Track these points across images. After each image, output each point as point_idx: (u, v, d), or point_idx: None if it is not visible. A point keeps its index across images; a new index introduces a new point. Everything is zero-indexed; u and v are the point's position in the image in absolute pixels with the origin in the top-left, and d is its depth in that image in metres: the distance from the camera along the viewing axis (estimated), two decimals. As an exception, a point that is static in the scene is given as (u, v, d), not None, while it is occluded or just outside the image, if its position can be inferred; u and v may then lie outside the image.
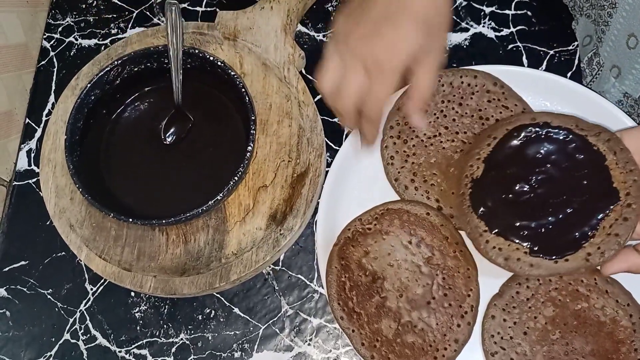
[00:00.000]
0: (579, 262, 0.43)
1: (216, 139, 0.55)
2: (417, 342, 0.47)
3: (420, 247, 0.49)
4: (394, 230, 0.49)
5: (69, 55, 0.64)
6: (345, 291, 0.49)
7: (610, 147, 0.45)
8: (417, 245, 0.49)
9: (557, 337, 0.46)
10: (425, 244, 0.49)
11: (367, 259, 0.49)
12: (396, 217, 0.50)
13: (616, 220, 0.43)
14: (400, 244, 0.49)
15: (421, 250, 0.49)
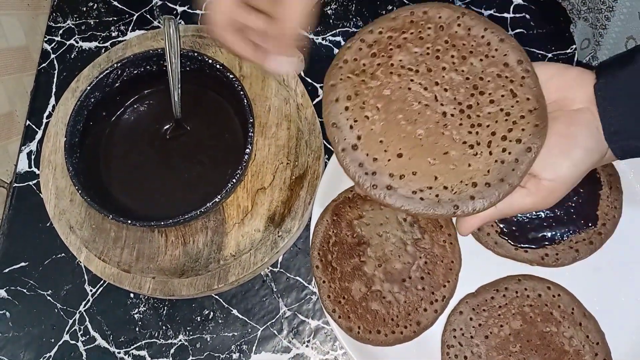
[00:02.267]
0: (534, 258, 0.49)
1: (215, 142, 0.55)
2: (380, 311, 0.48)
3: (414, 227, 0.50)
4: None
5: (69, 58, 0.64)
6: (328, 244, 0.50)
7: (609, 181, 0.50)
8: (410, 225, 0.50)
9: (515, 351, 0.47)
10: (419, 226, 0.50)
11: (359, 222, 0.50)
12: None
13: (583, 240, 0.49)
14: (395, 218, 0.50)
15: (413, 230, 0.50)
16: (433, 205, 0.37)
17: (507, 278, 0.49)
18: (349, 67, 0.40)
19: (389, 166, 0.37)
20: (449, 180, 0.37)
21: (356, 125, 0.39)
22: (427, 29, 0.40)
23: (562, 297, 0.48)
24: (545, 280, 0.49)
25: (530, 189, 0.38)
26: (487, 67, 0.39)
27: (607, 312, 0.48)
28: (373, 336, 0.48)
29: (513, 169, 0.37)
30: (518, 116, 0.38)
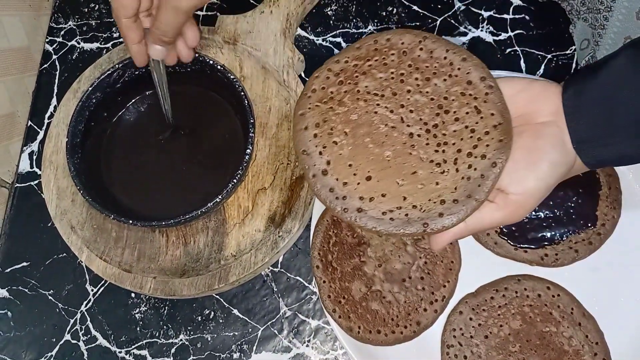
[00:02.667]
0: (534, 258, 0.49)
1: (216, 142, 0.55)
2: (380, 311, 0.48)
3: None
4: None
5: (71, 59, 0.64)
6: (328, 244, 0.50)
7: (608, 182, 0.50)
8: None
9: (515, 350, 0.47)
10: None
11: None
12: None
13: (582, 240, 0.49)
14: None
15: None
16: (403, 224, 0.37)
17: (507, 278, 0.49)
18: (317, 96, 0.41)
19: (359, 189, 0.38)
20: (418, 199, 0.38)
21: (325, 151, 0.40)
22: (391, 55, 0.41)
23: (561, 297, 0.48)
24: (544, 280, 0.49)
25: (499, 203, 0.39)
26: (450, 86, 0.40)
27: (606, 312, 0.48)
28: (373, 336, 0.48)
29: (479, 185, 0.37)
30: (483, 132, 0.38)
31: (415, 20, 0.61)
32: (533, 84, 0.40)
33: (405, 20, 0.61)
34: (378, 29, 0.61)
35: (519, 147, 0.39)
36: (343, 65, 0.42)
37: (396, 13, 0.62)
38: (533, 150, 0.38)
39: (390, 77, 0.41)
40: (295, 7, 0.59)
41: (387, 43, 0.42)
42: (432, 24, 0.61)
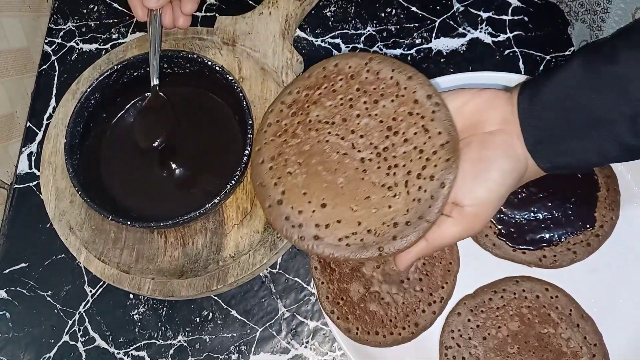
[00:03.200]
0: (532, 259, 0.49)
1: (214, 143, 0.55)
2: (378, 312, 0.48)
3: None
4: None
5: (70, 60, 0.64)
6: None
7: (606, 183, 0.50)
8: None
9: (513, 352, 0.47)
10: None
11: None
12: None
13: (580, 242, 0.49)
14: None
15: None
16: (359, 249, 0.38)
17: (505, 279, 0.49)
18: (272, 130, 0.42)
19: (314, 217, 0.39)
20: (372, 223, 0.38)
21: (280, 181, 0.41)
22: (339, 81, 0.42)
23: (559, 298, 0.48)
24: (543, 281, 0.49)
25: (456, 217, 0.39)
26: (398, 107, 0.40)
27: (604, 313, 0.48)
28: (371, 337, 0.48)
29: (429, 206, 0.38)
30: (430, 152, 0.39)
31: (414, 22, 0.61)
32: (480, 94, 0.41)
33: (404, 22, 0.61)
34: (377, 30, 0.61)
35: (467, 159, 0.39)
36: (295, 96, 0.43)
37: (395, 14, 0.62)
38: (481, 161, 0.39)
39: (339, 103, 0.41)
40: (294, 8, 0.59)
41: (335, 69, 0.42)
42: (431, 25, 0.61)
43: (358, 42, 0.61)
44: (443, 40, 0.60)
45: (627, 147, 0.37)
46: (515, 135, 0.39)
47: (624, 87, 0.35)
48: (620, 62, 0.35)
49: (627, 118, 0.35)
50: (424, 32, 0.61)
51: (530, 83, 0.40)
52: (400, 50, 0.61)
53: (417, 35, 0.61)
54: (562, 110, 0.38)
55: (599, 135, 0.37)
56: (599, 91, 0.36)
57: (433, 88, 0.40)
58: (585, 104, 0.37)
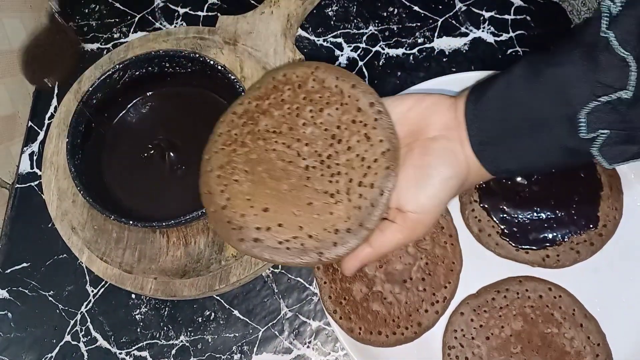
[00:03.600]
0: (535, 259, 0.49)
1: (216, 143, 0.55)
2: (381, 312, 0.48)
3: None
4: None
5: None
6: None
7: (609, 182, 0.50)
8: None
9: (517, 352, 0.47)
10: None
11: None
12: None
13: (584, 241, 0.49)
14: None
15: None
16: (299, 253, 0.38)
17: (508, 279, 0.49)
18: (222, 140, 0.43)
19: (256, 220, 0.39)
20: (313, 229, 0.39)
21: (226, 189, 0.41)
22: (287, 91, 0.43)
23: (563, 298, 0.48)
24: (546, 281, 0.49)
25: (399, 223, 0.39)
26: (342, 115, 0.41)
27: (608, 313, 0.48)
28: (374, 337, 0.48)
29: (369, 214, 0.38)
30: (372, 160, 0.39)
31: (416, 21, 0.61)
32: (423, 99, 0.41)
33: (406, 21, 0.61)
34: (379, 29, 0.61)
35: (409, 165, 0.40)
36: (246, 106, 0.44)
37: (397, 13, 0.62)
38: (422, 167, 0.39)
39: (287, 112, 0.42)
40: (295, 7, 0.59)
41: (283, 78, 0.43)
42: (433, 25, 0.61)
43: (360, 41, 0.61)
44: (445, 39, 0.60)
45: (567, 150, 0.37)
46: (457, 141, 0.40)
47: (563, 89, 0.35)
48: (560, 64, 0.36)
49: (565, 120, 0.36)
50: (426, 31, 0.61)
51: (478, 86, 0.40)
52: (402, 50, 0.60)
53: (419, 34, 0.61)
54: (504, 112, 0.38)
55: (539, 137, 0.37)
56: (538, 93, 0.36)
57: (376, 96, 0.41)
58: (525, 105, 0.37)
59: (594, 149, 0.36)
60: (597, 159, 0.37)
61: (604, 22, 0.34)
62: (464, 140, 0.39)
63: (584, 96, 0.35)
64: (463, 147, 0.39)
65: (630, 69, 0.33)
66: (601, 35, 0.34)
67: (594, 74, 0.34)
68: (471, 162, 0.40)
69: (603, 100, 0.34)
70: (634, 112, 0.34)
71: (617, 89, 0.34)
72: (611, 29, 0.34)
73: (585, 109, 0.35)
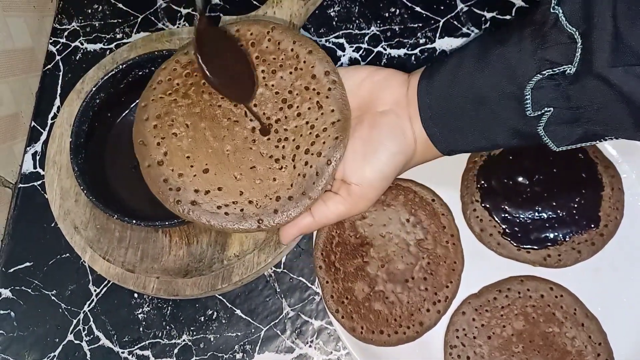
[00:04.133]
0: (536, 259, 0.49)
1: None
2: (383, 312, 0.48)
3: (416, 227, 0.50)
4: (396, 205, 0.50)
5: (74, 60, 0.64)
6: (331, 245, 0.50)
7: (611, 182, 0.50)
8: (413, 225, 0.50)
9: (518, 351, 0.47)
10: (422, 227, 0.50)
11: (362, 223, 0.50)
12: (402, 193, 0.50)
13: (585, 241, 0.49)
14: (398, 219, 0.50)
15: (416, 231, 0.50)
16: (238, 219, 0.37)
17: (510, 279, 0.49)
18: (162, 88, 0.40)
19: (194, 182, 0.38)
20: (254, 194, 0.38)
21: (163, 142, 0.39)
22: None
23: (564, 297, 0.48)
24: (547, 281, 0.49)
25: (343, 195, 0.39)
26: (295, 80, 0.40)
27: (609, 312, 0.48)
28: (376, 336, 0.48)
29: (314, 182, 0.38)
30: (321, 129, 0.39)
31: (418, 21, 0.61)
32: (377, 72, 0.41)
33: (408, 22, 0.61)
34: (381, 29, 0.62)
35: (357, 138, 0.39)
36: (191, 56, 0.41)
37: (399, 14, 0.62)
38: (370, 140, 0.39)
39: None
40: (298, 8, 0.59)
41: (236, 34, 0.41)
42: (435, 25, 0.61)
43: (362, 41, 0.61)
44: (447, 40, 0.61)
45: (514, 130, 0.37)
46: (405, 117, 0.39)
47: (511, 67, 0.35)
48: (508, 42, 0.35)
49: (513, 98, 0.35)
50: (427, 32, 0.61)
51: (432, 64, 0.40)
52: (404, 50, 0.61)
53: (421, 35, 0.61)
54: (451, 89, 0.38)
55: (485, 116, 0.37)
56: (486, 71, 0.36)
57: (332, 65, 0.40)
58: (471, 83, 0.37)
59: (539, 128, 0.36)
60: (544, 141, 0.37)
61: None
62: (413, 117, 0.39)
63: (531, 73, 0.34)
64: (412, 124, 0.39)
65: (577, 45, 0.33)
66: (551, 12, 0.34)
67: (542, 52, 0.34)
68: (419, 139, 0.39)
69: (546, 74, 0.34)
70: (575, 88, 0.33)
71: (562, 65, 0.34)
72: (560, 4, 0.34)
73: (530, 84, 0.34)
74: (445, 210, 0.51)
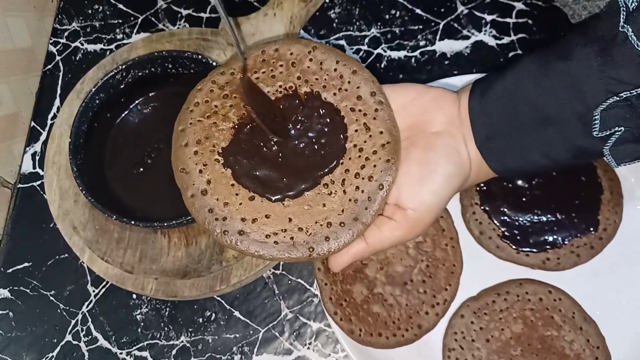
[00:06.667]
0: (535, 262, 0.49)
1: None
2: (382, 314, 0.48)
3: None
4: None
5: (74, 60, 0.64)
6: None
7: (610, 186, 0.50)
8: None
9: (516, 354, 0.47)
10: None
11: None
12: None
13: (584, 245, 0.49)
14: None
15: None
16: (288, 248, 0.35)
17: (509, 282, 0.49)
18: (200, 110, 0.39)
19: (241, 210, 0.36)
20: (304, 221, 0.36)
21: (206, 169, 0.37)
22: (279, 67, 0.39)
23: (563, 301, 0.48)
24: (546, 284, 0.49)
25: (398, 220, 0.37)
26: (340, 101, 0.38)
27: (607, 316, 0.48)
28: (374, 339, 0.48)
29: (366, 208, 0.36)
30: (370, 152, 0.37)
31: (418, 24, 0.61)
32: (427, 92, 0.39)
33: (408, 24, 0.61)
34: (381, 32, 0.62)
35: (412, 160, 0.38)
36: (229, 77, 0.39)
37: (399, 16, 0.62)
38: (425, 163, 0.37)
39: (278, 90, 0.39)
40: (298, 9, 0.59)
41: (275, 53, 0.40)
42: (435, 27, 0.61)
43: (362, 43, 0.61)
44: (447, 42, 0.61)
45: (577, 148, 0.36)
46: (460, 137, 0.38)
47: (576, 85, 0.34)
48: (571, 59, 0.34)
49: (578, 117, 0.34)
50: (428, 34, 0.61)
51: (482, 80, 0.39)
52: (404, 52, 0.61)
53: (421, 37, 0.61)
54: (510, 107, 0.37)
55: (547, 135, 0.36)
56: (549, 88, 0.35)
57: (378, 85, 0.39)
58: (533, 100, 0.36)
59: (606, 148, 0.35)
60: (607, 159, 0.36)
61: (622, 16, 0.33)
62: (467, 137, 0.38)
63: (599, 93, 0.33)
64: (466, 144, 0.38)
65: None
66: (620, 30, 0.33)
67: (610, 71, 0.33)
68: (474, 159, 0.38)
69: (622, 96, 0.33)
70: None
71: (634, 86, 0.32)
72: (628, 23, 0.32)
73: (602, 106, 0.33)
74: (445, 213, 0.51)
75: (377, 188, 0.36)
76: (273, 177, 0.37)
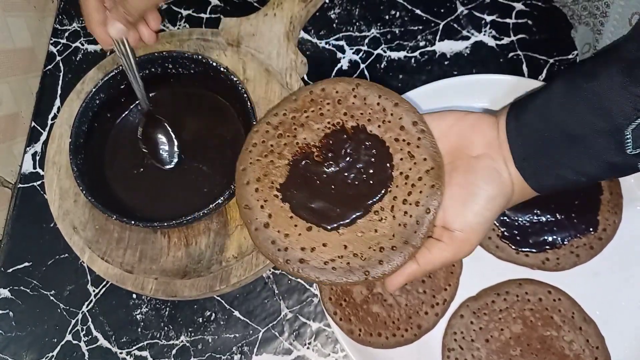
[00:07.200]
0: (535, 262, 0.49)
1: (218, 144, 0.55)
2: (381, 314, 0.49)
3: None
4: None
5: (74, 60, 0.65)
6: None
7: (609, 187, 0.50)
8: None
9: (516, 354, 0.47)
10: None
11: None
12: None
13: (584, 245, 0.49)
14: None
15: None
16: (345, 273, 0.38)
17: (508, 282, 0.49)
18: (257, 150, 0.42)
19: (300, 240, 0.39)
20: (358, 247, 0.38)
21: (267, 204, 0.40)
22: (327, 105, 0.42)
23: (562, 301, 0.48)
24: (545, 284, 0.49)
25: (446, 241, 0.39)
26: (384, 132, 0.41)
27: (607, 316, 0.48)
28: (374, 339, 0.48)
29: (415, 231, 0.38)
30: (416, 178, 0.40)
31: (418, 24, 0.61)
32: (465, 118, 0.41)
33: (408, 24, 0.61)
34: (381, 32, 0.62)
35: (455, 184, 0.40)
36: (281, 118, 0.43)
37: (399, 17, 0.62)
38: (467, 186, 0.39)
39: (326, 127, 0.42)
40: (298, 10, 0.59)
41: (322, 93, 0.43)
42: (435, 28, 0.61)
43: (362, 44, 0.61)
44: (447, 43, 0.61)
45: (610, 165, 0.37)
46: (500, 159, 0.40)
47: (602, 103, 0.35)
48: (598, 78, 0.36)
49: (606, 134, 0.36)
50: (427, 34, 0.61)
51: (517, 102, 0.41)
52: (404, 53, 0.61)
53: (421, 37, 0.61)
54: (542, 128, 0.38)
55: (579, 153, 0.37)
56: (575, 108, 0.37)
57: (419, 115, 0.41)
58: (562, 120, 0.37)
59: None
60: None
61: None
62: (507, 159, 0.40)
63: (627, 111, 0.35)
64: (507, 166, 0.40)
65: None
66: None
67: (635, 88, 0.34)
68: (516, 179, 0.40)
69: None
70: None
71: None
72: None
73: (632, 125, 0.35)
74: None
75: (424, 212, 0.39)
76: (327, 207, 0.40)
